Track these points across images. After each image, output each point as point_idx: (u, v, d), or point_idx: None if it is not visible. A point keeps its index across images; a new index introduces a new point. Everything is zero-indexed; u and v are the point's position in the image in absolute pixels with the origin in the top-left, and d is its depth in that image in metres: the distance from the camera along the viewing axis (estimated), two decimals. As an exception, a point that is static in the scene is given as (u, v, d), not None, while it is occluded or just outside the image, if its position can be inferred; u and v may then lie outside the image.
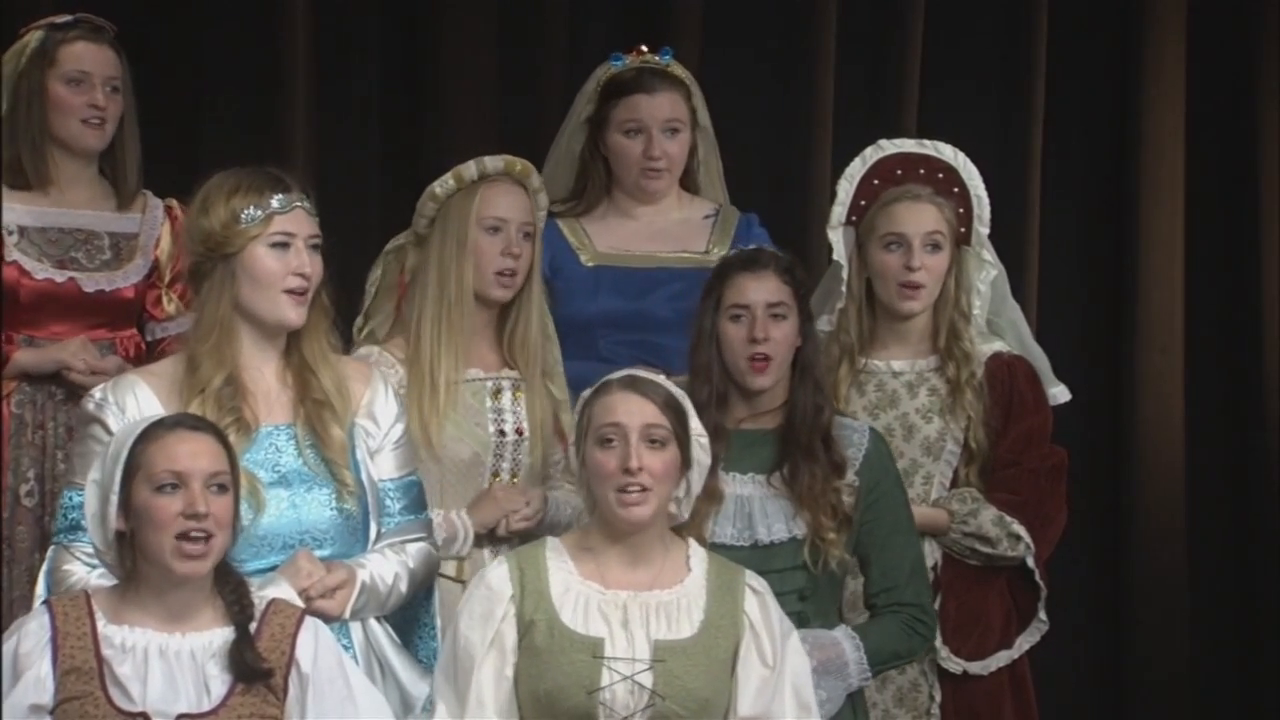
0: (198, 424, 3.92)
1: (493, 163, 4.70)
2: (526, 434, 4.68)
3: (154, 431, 3.88)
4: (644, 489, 4.02)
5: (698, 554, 4.14)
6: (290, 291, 4.16)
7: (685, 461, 4.09)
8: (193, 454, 3.85)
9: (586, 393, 4.16)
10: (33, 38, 4.97)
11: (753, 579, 4.13)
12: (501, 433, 4.68)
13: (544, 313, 4.77)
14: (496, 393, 4.69)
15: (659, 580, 4.07)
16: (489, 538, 4.64)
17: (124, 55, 5.00)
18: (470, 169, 4.69)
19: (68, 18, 4.98)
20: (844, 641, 4.37)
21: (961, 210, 4.86)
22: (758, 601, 4.10)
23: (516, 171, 4.72)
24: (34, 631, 3.84)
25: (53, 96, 4.93)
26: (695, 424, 4.12)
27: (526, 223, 4.70)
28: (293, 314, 4.17)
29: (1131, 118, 6.23)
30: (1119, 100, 6.26)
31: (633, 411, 4.04)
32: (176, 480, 3.84)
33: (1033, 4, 6.16)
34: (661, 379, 4.16)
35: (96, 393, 4.18)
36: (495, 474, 4.68)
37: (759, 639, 4.07)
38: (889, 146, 4.88)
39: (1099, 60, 6.28)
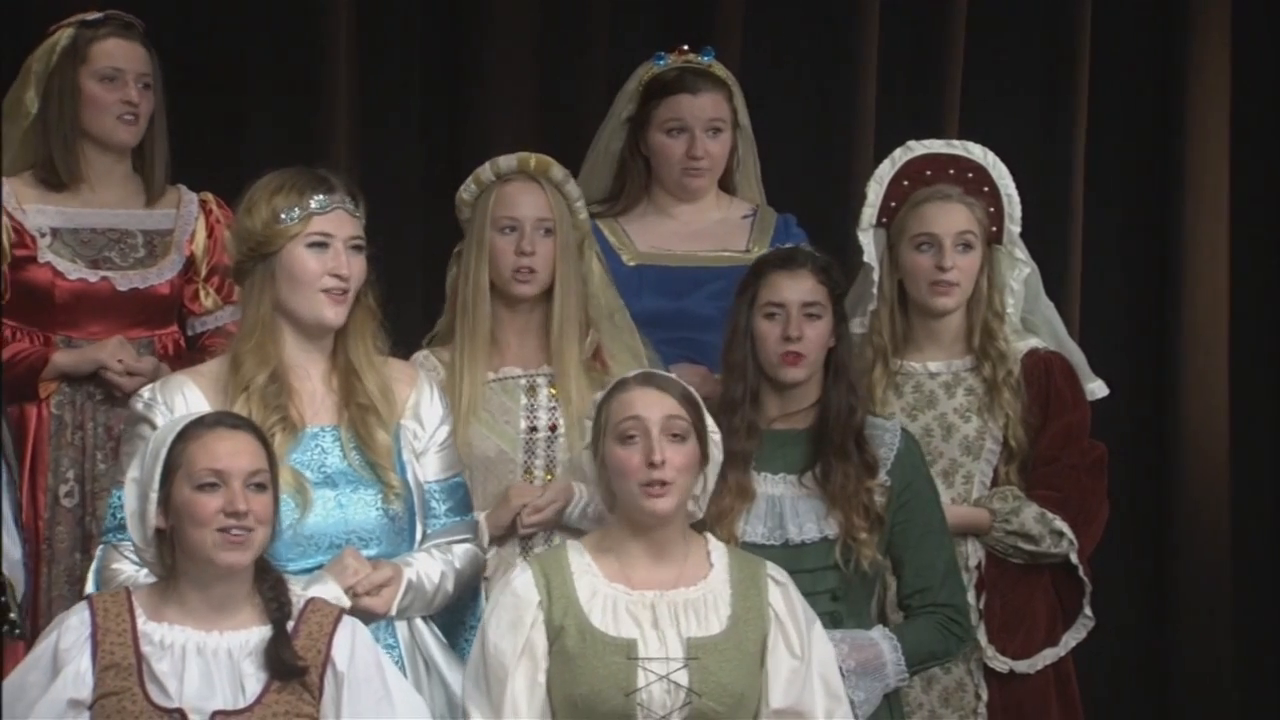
0: (237, 422, 3.94)
1: (506, 161, 4.71)
2: (561, 429, 4.68)
3: (194, 430, 3.89)
4: (665, 482, 4.02)
5: (717, 549, 4.14)
6: (327, 291, 4.17)
7: (703, 456, 4.10)
8: (233, 452, 3.87)
9: (599, 394, 4.17)
10: (63, 35, 4.98)
11: (774, 570, 4.14)
12: (533, 429, 4.67)
13: (594, 302, 4.75)
14: (531, 389, 4.70)
15: (683, 578, 4.08)
16: (520, 538, 4.63)
17: (154, 51, 5.01)
18: (486, 170, 4.71)
19: (97, 15, 4.99)
20: (882, 642, 4.36)
21: (992, 209, 4.85)
22: (781, 593, 4.11)
23: (531, 168, 4.71)
24: (75, 627, 3.86)
25: (85, 93, 4.94)
26: (710, 420, 4.13)
27: (543, 219, 4.69)
28: (330, 313, 4.18)
29: (1175, 117, 6.20)
30: (1162, 100, 6.23)
31: (652, 405, 4.05)
32: (217, 479, 3.85)
33: (1076, 4, 6.14)
34: (674, 375, 4.18)
35: (145, 392, 4.20)
36: (528, 471, 4.67)
37: (785, 630, 4.08)
38: (918, 147, 4.88)
39: (1142, 61, 6.24)
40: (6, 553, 4.25)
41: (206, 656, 3.86)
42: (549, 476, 4.68)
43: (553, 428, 4.68)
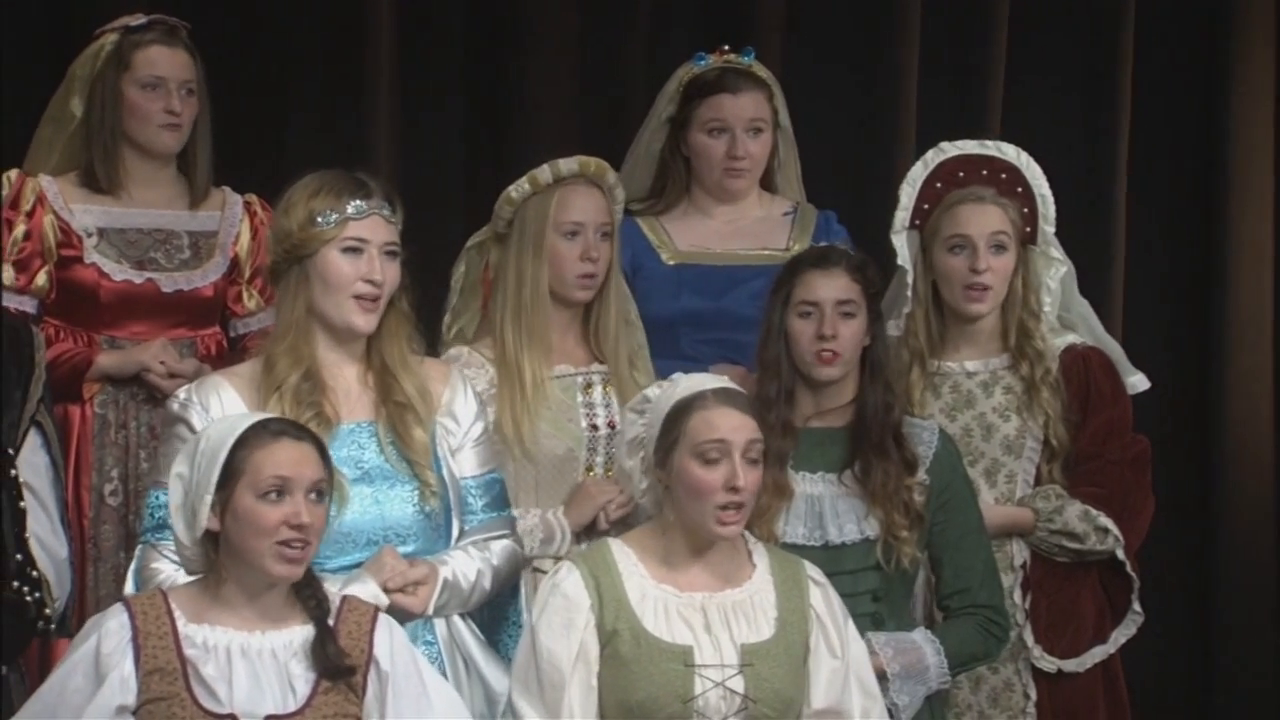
0: (300, 433, 3.91)
1: (567, 165, 4.69)
2: (619, 427, 4.64)
3: (258, 438, 3.86)
4: (740, 506, 4.03)
5: (757, 548, 4.14)
6: (359, 297, 4.17)
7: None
8: (297, 462, 3.85)
9: (664, 400, 4.12)
10: (107, 41, 4.99)
11: (812, 570, 4.13)
12: (594, 427, 4.68)
13: (624, 301, 4.77)
14: (587, 387, 4.70)
15: (729, 580, 4.07)
16: (589, 532, 4.63)
17: (198, 55, 5.02)
18: (545, 173, 4.69)
19: (141, 20, 5.00)
20: (924, 645, 4.36)
21: (1026, 210, 4.83)
22: (821, 593, 4.11)
23: (591, 172, 4.71)
24: (114, 631, 3.85)
25: (128, 101, 4.96)
26: None
27: (604, 223, 4.70)
28: (360, 320, 4.18)
29: (1218, 115, 6.17)
30: (1206, 98, 6.20)
31: (736, 428, 4.04)
32: (282, 487, 3.84)
33: (1119, 2, 6.12)
34: (742, 390, 4.17)
35: (181, 393, 4.21)
36: (589, 469, 4.68)
37: (826, 630, 4.08)
38: (950, 149, 4.86)
39: (1186, 58, 6.20)
40: (53, 551, 4.27)
41: (252, 658, 3.85)
42: (609, 473, 4.67)
43: (611, 425, 4.68)
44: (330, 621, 3.89)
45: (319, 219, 4.17)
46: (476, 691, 4.19)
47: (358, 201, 4.18)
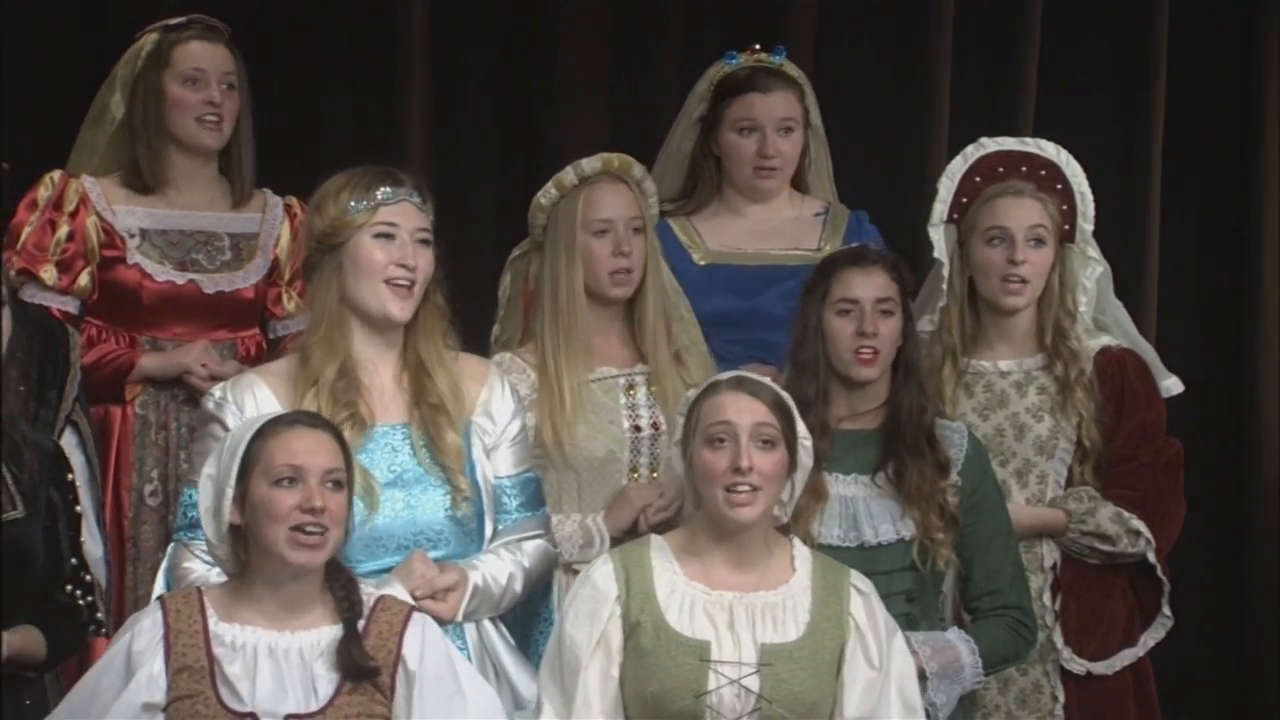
0: (315, 421, 3.95)
1: (590, 164, 4.70)
2: (664, 427, 4.65)
3: (272, 427, 3.91)
4: (753, 489, 4.01)
5: (802, 554, 4.13)
6: (392, 282, 4.17)
7: (792, 464, 4.08)
8: (310, 450, 3.88)
9: (692, 393, 4.16)
10: (147, 40, 5.01)
11: (858, 579, 4.11)
12: (637, 428, 4.67)
13: (667, 296, 4.75)
14: (630, 388, 4.69)
15: (764, 581, 4.07)
16: (631, 535, 4.60)
17: (239, 54, 5.04)
18: (569, 174, 4.69)
19: (181, 19, 5.02)
20: (960, 645, 4.36)
21: (1065, 207, 4.82)
22: (863, 603, 4.08)
23: (615, 168, 4.71)
24: (147, 629, 3.88)
25: (169, 96, 4.97)
26: (801, 426, 4.12)
27: (634, 217, 4.69)
28: (394, 306, 4.18)
29: (1253, 115, 6.13)
30: (1240, 95, 6.17)
31: (743, 410, 4.04)
32: (294, 475, 3.86)
33: (1153, 0, 6.12)
34: (768, 380, 4.16)
35: (216, 392, 4.23)
36: (634, 470, 4.67)
37: (865, 640, 4.06)
38: (990, 144, 4.86)
39: (1220, 55, 6.17)
40: (88, 551, 4.29)
41: (278, 657, 3.87)
42: (654, 475, 4.67)
43: (655, 426, 4.67)
44: (362, 621, 3.90)
45: (350, 206, 4.19)
46: (505, 696, 4.18)
47: (388, 189, 4.20)
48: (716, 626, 4.01)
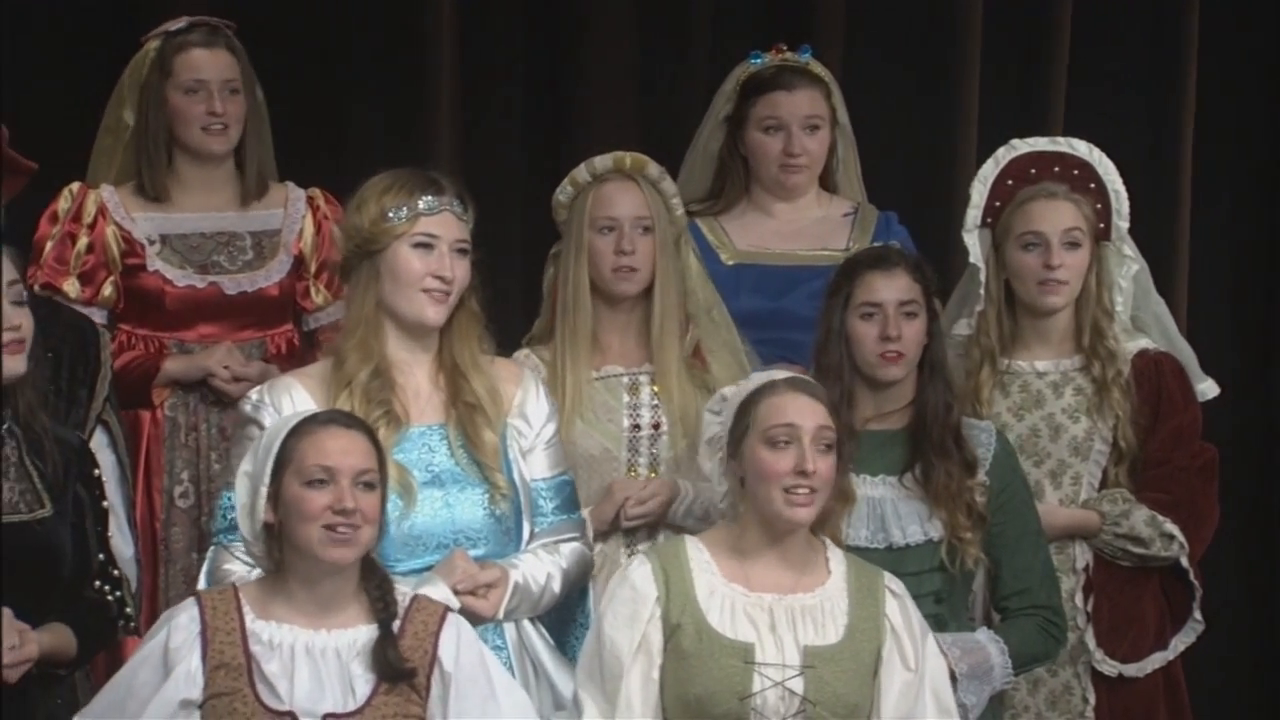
0: (350, 421, 3.95)
1: (601, 161, 4.71)
2: (665, 428, 4.66)
3: (306, 427, 3.91)
4: (812, 490, 4.02)
5: (836, 555, 4.12)
6: (428, 292, 4.18)
7: (840, 467, 4.09)
8: (343, 450, 3.88)
9: (729, 390, 4.15)
10: (151, 48, 5.00)
11: (891, 581, 4.11)
12: (637, 427, 4.67)
13: (690, 298, 4.74)
14: (634, 387, 4.69)
15: (802, 583, 4.06)
16: (624, 533, 4.63)
17: (242, 53, 5.01)
18: (582, 171, 4.71)
19: (182, 23, 5.00)
20: (989, 645, 4.35)
21: (1099, 206, 4.80)
22: (898, 605, 4.08)
23: (627, 166, 4.71)
24: (184, 625, 3.87)
25: (173, 106, 4.97)
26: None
27: (642, 217, 4.68)
28: (430, 312, 4.19)
29: (1283, 113, 6.16)
30: (1271, 97, 6.16)
31: (805, 413, 4.04)
32: (326, 475, 3.86)
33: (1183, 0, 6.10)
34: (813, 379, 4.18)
35: (253, 394, 4.23)
36: (631, 469, 4.67)
37: (900, 642, 4.06)
38: (1022, 146, 4.84)
39: (1250, 54, 6.17)
40: (119, 550, 4.30)
41: (315, 656, 3.86)
42: (652, 474, 4.67)
43: (655, 425, 4.67)
44: (398, 621, 3.90)
45: (390, 214, 4.18)
46: (545, 696, 4.18)
47: (429, 198, 4.20)
48: (758, 628, 4.01)
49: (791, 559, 4.07)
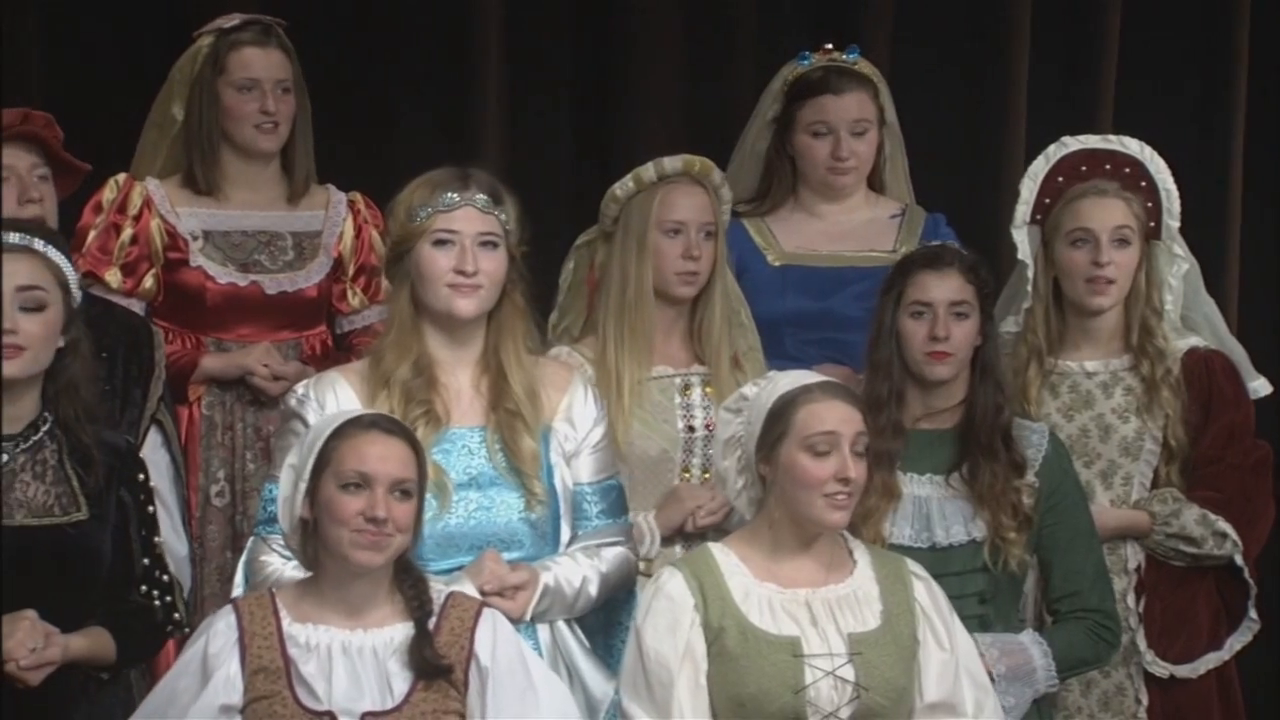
0: (392, 427, 3.94)
1: (671, 163, 4.69)
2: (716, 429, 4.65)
3: (348, 429, 3.90)
4: (850, 495, 4.03)
5: (857, 546, 4.14)
6: (453, 286, 4.18)
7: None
8: (381, 457, 3.87)
9: (749, 389, 4.13)
10: (203, 43, 5.01)
11: (914, 566, 4.13)
12: (691, 429, 4.66)
13: (731, 302, 4.74)
14: (685, 388, 4.69)
15: (831, 576, 4.07)
16: (681, 536, 4.62)
17: (294, 53, 5.03)
18: (649, 171, 4.68)
19: (235, 20, 5.01)
20: (1031, 647, 4.33)
21: (1150, 204, 4.77)
22: (924, 587, 4.10)
23: (695, 171, 4.70)
24: (222, 631, 3.88)
25: (225, 103, 4.98)
26: None
27: (707, 222, 4.68)
28: (460, 303, 4.18)
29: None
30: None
31: (845, 420, 4.04)
32: (361, 481, 3.86)
33: (1234, -1, 6.07)
34: (843, 383, 4.16)
35: (299, 389, 4.24)
36: (685, 470, 4.66)
37: (932, 623, 4.08)
38: (1073, 143, 4.81)
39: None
40: (173, 549, 4.33)
41: (352, 656, 3.86)
42: (705, 476, 4.66)
43: (709, 427, 4.65)
44: (433, 619, 3.89)
45: (415, 214, 4.21)
46: (578, 698, 4.16)
47: (449, 194, 4.20)
48: (799, 622, 4.01)
49: (819, 554, 4.08)
